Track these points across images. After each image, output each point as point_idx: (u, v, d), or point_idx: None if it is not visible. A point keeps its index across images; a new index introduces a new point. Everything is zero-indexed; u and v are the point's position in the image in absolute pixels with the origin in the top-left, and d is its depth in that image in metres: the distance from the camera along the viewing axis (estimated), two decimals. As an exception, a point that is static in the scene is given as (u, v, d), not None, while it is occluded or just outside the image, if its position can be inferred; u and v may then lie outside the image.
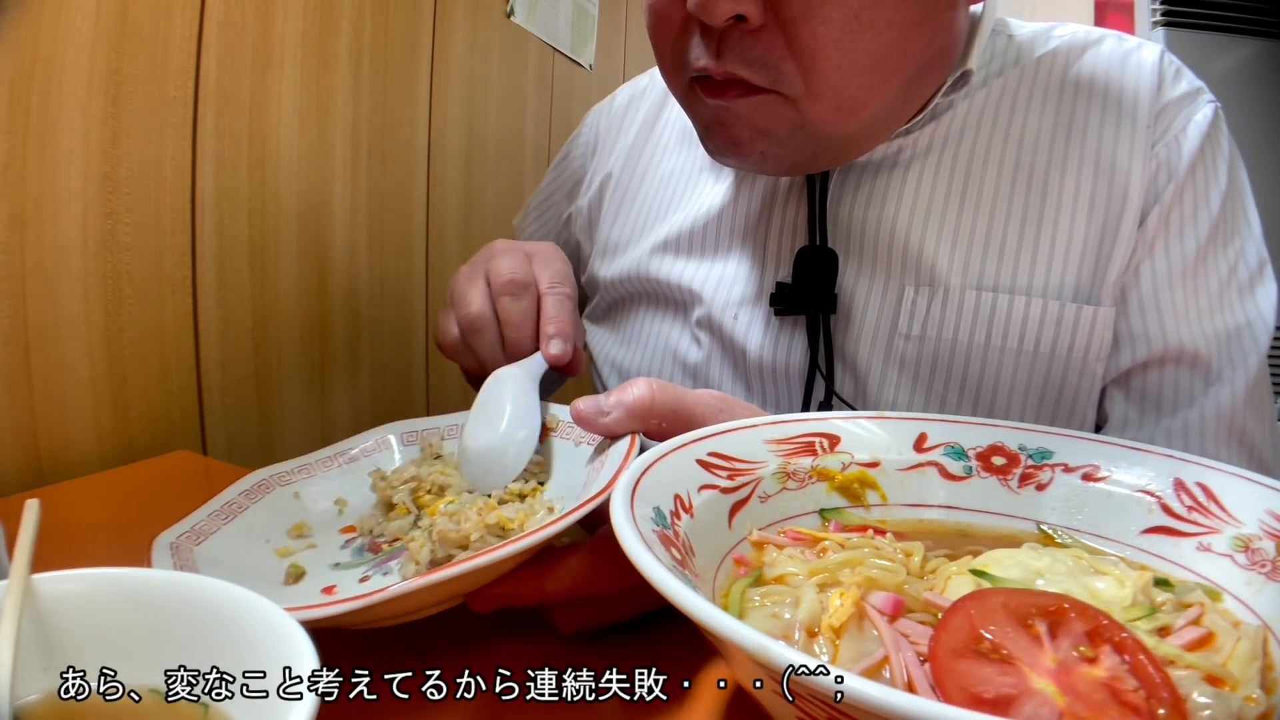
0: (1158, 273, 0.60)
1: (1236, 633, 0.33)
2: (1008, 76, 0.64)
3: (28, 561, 0.31)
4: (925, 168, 0.63)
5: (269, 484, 0.55)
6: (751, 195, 0.69)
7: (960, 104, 0.64)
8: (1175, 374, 0.60)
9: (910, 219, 0.62)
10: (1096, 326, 0.59)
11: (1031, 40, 0.66)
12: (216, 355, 0.85)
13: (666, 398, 0.46)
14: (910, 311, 0.62)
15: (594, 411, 0.46)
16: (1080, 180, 0.60)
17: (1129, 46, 0.64)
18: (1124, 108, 0.61)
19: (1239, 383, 0.59)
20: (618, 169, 0.81)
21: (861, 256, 0.64)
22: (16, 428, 0.68)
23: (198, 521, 0.49)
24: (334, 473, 0.58)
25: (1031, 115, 0.62)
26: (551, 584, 0.42)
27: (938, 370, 0.62)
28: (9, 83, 0.64)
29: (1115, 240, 0.59)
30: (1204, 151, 0.60)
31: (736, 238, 0.69)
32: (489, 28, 1.26)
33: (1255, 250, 0.62)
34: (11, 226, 0.66)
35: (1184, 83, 0.63)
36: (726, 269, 0.69)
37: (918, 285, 0.62)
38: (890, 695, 0.22)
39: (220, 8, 0.80)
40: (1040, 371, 0.61)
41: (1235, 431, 0.59)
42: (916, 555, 0.39)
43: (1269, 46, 2.11)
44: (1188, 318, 0.59)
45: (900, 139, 0.64)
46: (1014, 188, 0.61)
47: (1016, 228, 0.61)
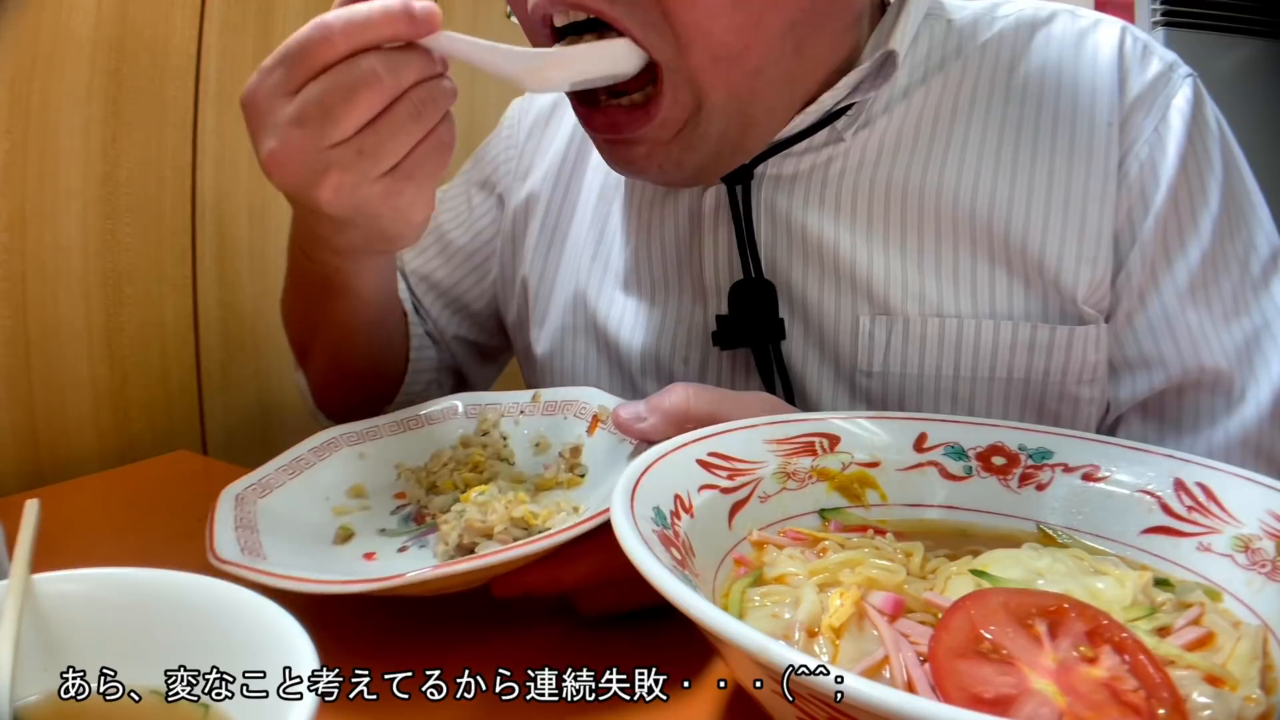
0: (1164, 293, 0.54)
1: (1236, 633, 0.33)
2: (949, 72, 0.57)
3: (28, 561, 0.31)
4: (860, 182, 0.57)
5: (338, 443, 0.57)
6: (678, 219, 0.62)
7: (896, 106, 0.57)
8: (1197, 395, 0.55)
9: (853, 240, 0.56)
10: (1074, 347, 0.54)
11: (974, 24, 0.59)
12: (216, 355, 0.85)
13: (702, 404, 0.46)
14: (869, 345, 0.56)
15: (633, 418, 0.47)
16: (1033, 195, 0.55)
17: (1084, 25, 0.58)
18: (1080, 107, 0.55)
19: (1264, 397, 0.54)
20: (546, 190, 0.72)
21: (806, 281, 0.58)
22: (16, 428, 0.68)
23: (265, 475, 0.52)
24: (399, 437, 0.59)
25: (975, 124, 0.56)
26: (568, 574, 0.42)
27: (907, 407, 0.56)
28: (9, 83, 0.64)
29: (1079, 257, 0.54)
30: (1190, 140, 0.54)
31: (669, 272, 0.63)
32: (489, 28, 1.26)
33: (1265, 238, 0.56)
34: (11, 226, 0.66)
35: (1153, 64, 0.56)
36: (667, 308, 0.63)
37: (872, 314, 0.56)
38: (890, 695, 0.22)
39: (220, 8, 0.80)
40: (1016, 399, 0.56)
41: (1262, 452, 0.55)
42: (916, 555, 0.39)
43: (1269, 46, 2.11)
44: (1204, 334, 0.54)
45: (830, 147, 0.58)
46: (957, 208, 0.55)
47: (968, 251, 0.55)
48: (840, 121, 0.57)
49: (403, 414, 0.61)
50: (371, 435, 0.59)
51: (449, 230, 0.78)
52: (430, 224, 0.65)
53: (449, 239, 0.77)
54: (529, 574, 0.42)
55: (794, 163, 0.58)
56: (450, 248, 0.77)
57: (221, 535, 0.44)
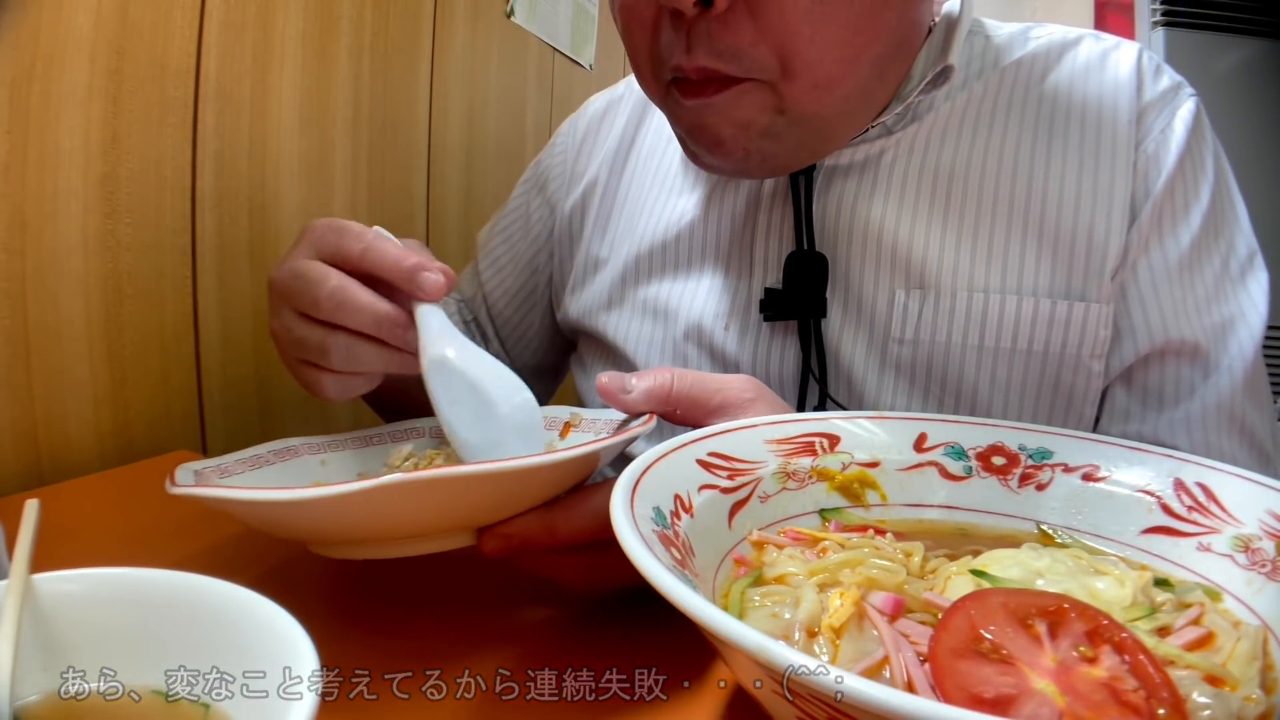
0: (1154, 267, 0.60)
1: (1236, 633, 0.33)
2: (987, 80, 0.64)
3: (28, 561, 0.31)
4: (910, 169, 0.63)
5: (298, 450, 0.56)
6: (736, 201, 0.68)
7: (941, 105, 0.64)
8: (1176, 366, 0.60)
9: (898, 220, 0.62)
10: (1089, 323, 0.60)
11: (1009, 42, 0.66)
12: (216, 355, 0.85)
13: (684, 386, 0.48)
14: (902, 315, 0.62)
15: (617, 387, 0.49)
16: (1064, 180, 0.60)
17: (1106, 46, 0.65)
18: (1104, 109, 0.62)
19: (1237, 370, 0.59)
20: (603, 176, 0.79)
21: (850, 259, 0.63)
22: (16, 428, 0.68)
23: (224, 463, 0.50)
24: (362, 450, 0.59)
25: (1012, 119, 0.63)
26: (563, 523, 0.42)
27: (933, 373, 0.62)
28: (9, 83, 0.64)
29: (1106, 237, 0.60)
30: (1190, 145, 0.61)
31: (721, 246, 0.69)
32: (489, 28, 1.26)
33: (1244, 242, 0.63)
34: (11, 226, 0.66)
35: (1165, 79, 0.63)
36: (715, 279, 0.68)
37: (908, 288, 0.62)
38: (890, 695, 0.22)
39: (220, 8, 0.80)
40: (1035, 371, 0.61)
41: (1235, 421, 0.60)
42: (916, 555, 0.39)
43: (1269, 46, 2.11)
44: (1185, 311, 0.60)
45: (882, 140, 0.64)
46: (998, 190, 0.61)
47: (1003, 229, 0.61)
48: (890, 118, 0.63)
49: (366, 431, 0.61)
50: (333, 447, 0.58)
51: (501, 251, 0.86)
52: (484, 249, 0.86)
53: (502, 259, 0.85)
54: (520, 523, 0.41)
55: (850, 153, 0.64)
56: (507, 266, 0.85)
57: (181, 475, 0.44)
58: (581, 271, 0.78)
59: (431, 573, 0.51)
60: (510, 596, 0.50)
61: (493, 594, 0.50)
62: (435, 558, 0.44)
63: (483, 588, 0.51)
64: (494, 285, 0.86)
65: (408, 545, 0.42)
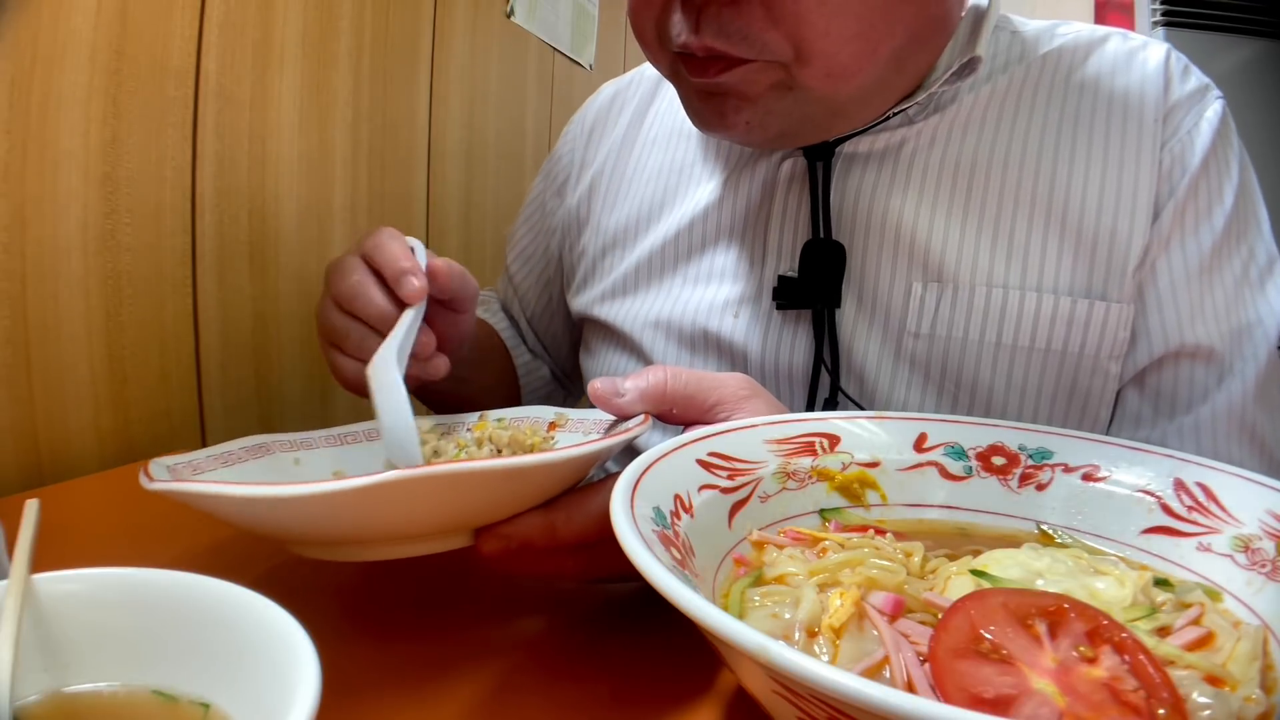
0: (1174, 269, 0.59)
1: (1236, 633, 0.33)
2: (1013, 72, 0.63)
3: (28, 561, 0.31)
4: (931, 161, 0.62)
5: (270, 447, 0.55)
6: (751, 186, 0.67)
7: (965, 96, 0.63)
8: (1190, 369, 0.59)
9: (917, 212, 0.61)
10: (1109, 324, 0.59)
11: (1036, 37, 0.65)
12: (216, 355, 0.85)
13: (679, 385, 0.48)
14: (919, 309, 0.61)
15: (610, 391, 0.48)
16: (1089, 176, 0.59)
17: (1134, 45, 0.64)
18: (1130, 106, 0.61)
19: (1249, 376, 0.59)
20: (609, 166, 0.79)
21: (866, 250, 0.62)
22: (16, 428, 0.68)
23: (195, 459, 0.49)
24: (336, 449, 0.58)
25: (1037, 113, 0.62)
26: (564, 524, 0.41)
27: (948, 370, 0.61)
28: (9, 83, 0.64)
29: (1130, 236, 0.59)
30: (1216, 147, 0.60)
31: (735, 232, 0.68)
32: (489, 28, 1.26)
33: (1265, 248, 0.62)
34: (11, 226, 0.66)
35: (1192, 80, 0.62)
36: (726, 265, 0.68)
37: (925, 281, 0.61)
38: (890, 695, 0.22)
39: (220, 8, 0.80)
40: (1052, 371, 0.60)
41: (1246, 428, 0.59)
42: (916, 555, 0.39)
43: (1269, 46, 2.11)
44: (1203, 314, 0.59)
45: (903, 129, 0.63)
46: (1021, 183, 0.60)
47: (1025, 223, 0.60)
48: (912, 109, 0.62)
49: (339, 430, 0.60)
50: (306, 445, 0.57)
51: (527, 242, 0.88)
52: (511, 241, 0.89)
53: (529, 249, 0.88)
54: (520, 524, 0.41)
55: (869, 141, 0.63)
56: (534, 256, 0.87)
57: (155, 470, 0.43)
58: (589, 258, 0.78)
59: (432, 572, 0.51)
60: (511, 595, 0.50)
61: (493, 593, 0.50)
62: (435, 557, 0.43)
63: (483, 587, 0.51)
64: (522, 277, 0.88)
65: (401, 546, 0.40)
